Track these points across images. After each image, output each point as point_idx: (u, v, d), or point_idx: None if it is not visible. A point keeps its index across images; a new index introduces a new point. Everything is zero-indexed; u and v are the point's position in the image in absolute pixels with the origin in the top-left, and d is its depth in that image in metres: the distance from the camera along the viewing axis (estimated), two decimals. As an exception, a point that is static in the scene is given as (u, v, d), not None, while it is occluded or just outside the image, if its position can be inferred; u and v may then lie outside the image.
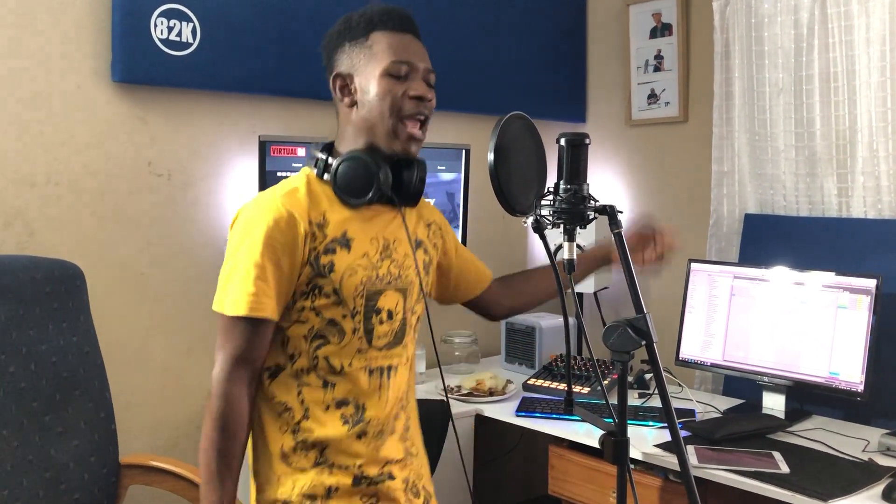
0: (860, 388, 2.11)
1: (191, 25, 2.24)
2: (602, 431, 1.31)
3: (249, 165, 2.39)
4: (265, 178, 2.30)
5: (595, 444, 2.04)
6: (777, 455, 1.92)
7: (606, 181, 3.17)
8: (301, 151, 2.37)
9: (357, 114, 1.43)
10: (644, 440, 2.05)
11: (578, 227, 1.34)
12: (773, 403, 2.29)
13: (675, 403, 2.33)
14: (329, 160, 1.43)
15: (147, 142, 2.25)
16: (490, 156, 1.32)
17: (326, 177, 1.43)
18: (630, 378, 2.43)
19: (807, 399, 2.29)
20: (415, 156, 1.46)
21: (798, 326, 2.24)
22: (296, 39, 2.44)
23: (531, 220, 1.35)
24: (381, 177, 1.41)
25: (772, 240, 2.56)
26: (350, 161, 1.41)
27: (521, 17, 3.07)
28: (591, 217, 1.34)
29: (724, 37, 2.68)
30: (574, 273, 1.31)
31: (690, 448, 1.96)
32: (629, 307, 1.26)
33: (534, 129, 1.43)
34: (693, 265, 2.50)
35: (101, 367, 1.98)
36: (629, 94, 3.07)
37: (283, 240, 1.35)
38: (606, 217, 1.32)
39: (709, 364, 2.42)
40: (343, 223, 1.41)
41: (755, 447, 1.98)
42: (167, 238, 2.30)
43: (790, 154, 2.55)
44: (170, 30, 2.20)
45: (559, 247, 1.51)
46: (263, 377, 1.42)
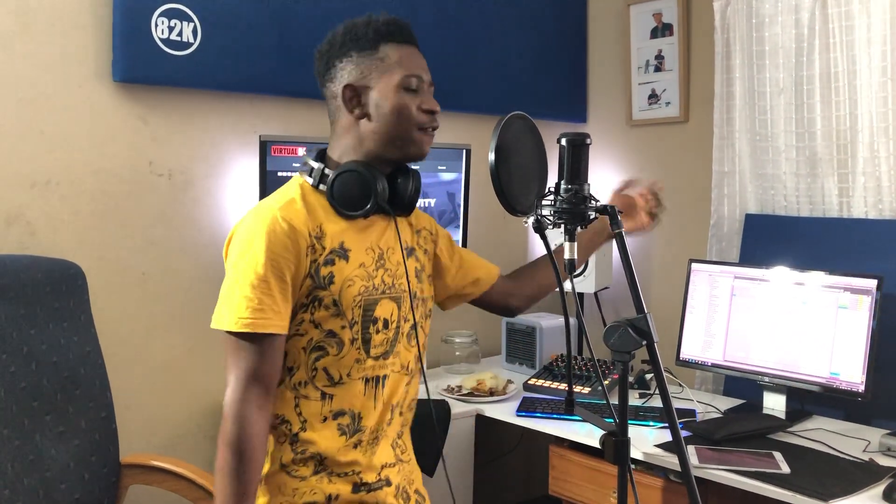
0: (861, 389, 2.11)
1: (191, 25, 2.24)
2: (603, 431, 1.31)
3: (250, 165, 2.39)
4: (266, 178, 2.30)
5: (596, 444, 2.04)
6: (778, 455, 1.92)
7: (607, 181, 3.17)
8: (301, 151, 2.37)
9: (366, 126, 1.43)
10: (645, 440, 2.05)
11: (579, 227, 1.34)
12: (774, 404, 2.29)
13: (676, 403, 2.32)
14: (326, 171, 1.43)
15: (148, 141, 2.26)
16: (491, 156, 1.32)
17: (322, 187, 1.43)
18: (631, 378, 2.43)
19: (807, 399, 2.29)
20: (426, 155, 1.47)
21: (799, 327, 2.24)
22: (297, 39, 2.44)
23: (532, 220, 1.35)
24: (379, 189, 1.42)
25: (772, 240, 2.56)
26: (348, 174, 1.41)
27: (522, 17, 3.07)
28: (592, 217, 1.34)
29: (725, 37, 2.68)
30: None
31: (691, 448, 1.96)
32: (630, 307, 1.26)
33: (534, 129, 1.43)
34: (694, 265, 2.50)
35: (102, 367, 1.98)
36: (630, 95, 3.07)
37: (286, 253, 1.34)
38: (607, 217, 1.32)
39: (709, 364, 2.42)
40: (340, 234, 1.41)
41: (756, 447, 1.98)
42: (168, 238, 2.30)
43: (791, 154, 2.55)
44: (170, 29, 2.20)
45: (560, 247, 1.51)
46: None
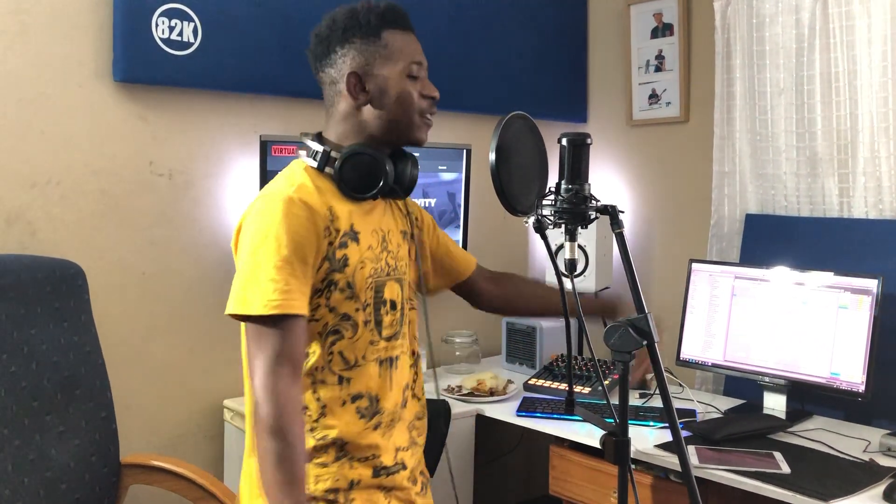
0: (861, 389, 2.11)
1: (192, 25, 2.24)
2: (603, 431, 1.31)
3: (250, 165, 2.39)
4: (266, 178, 2.30)
5: (596, 445, 2.04)
6: (778, 455, 1.92)
7: (607, 181, 3.17)
8: (302, 153, 2.37)
9: (370, 112, 1.43)
10: (645, 440, 2.05)
11: (580, 227, 1.35)
12: (774, 404, 2.29)
13: (676, 403, 2.32)
14: (332, 153, 1.42)
15: (148, 141, 2.26)
16: (491, 156, 1.32)
17: (327, 169, 1.42)
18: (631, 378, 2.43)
19: (808, 399, 2.29)
20: (425, 142, 1.48)
21: (799, 327, 2.24)
22: (297, 39, 2.43)
23: (532, 220, 1.36)
24: (389, 170, 1.42)
25: (773, 240, 2.55)
26: (357, 156, 1.41)
27: (522, 17, 3.07)
28: (593, 217, 1.35)
29: (726, 37, 2.68)
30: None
31: (691, 448, 1.96)
32: (630, 307, 1.26)
33: (535, 129, 1.43)
34: (694, 265, 2.50)
35: (102, 367, 1.98)
36: (630, 95, 3.06)
37: (307, 234, 1.32)
38: (608, 217, 1.32)
39: (710, 364, 2.42)
40: (349, 217, 1.41)
41: (756, 447, 1.98)
42: (168, 238, 2.30)
43: (791, 154, 2.55)
44: (171, 29, 2.20)
45: (560, 246, 1.51)
46: None
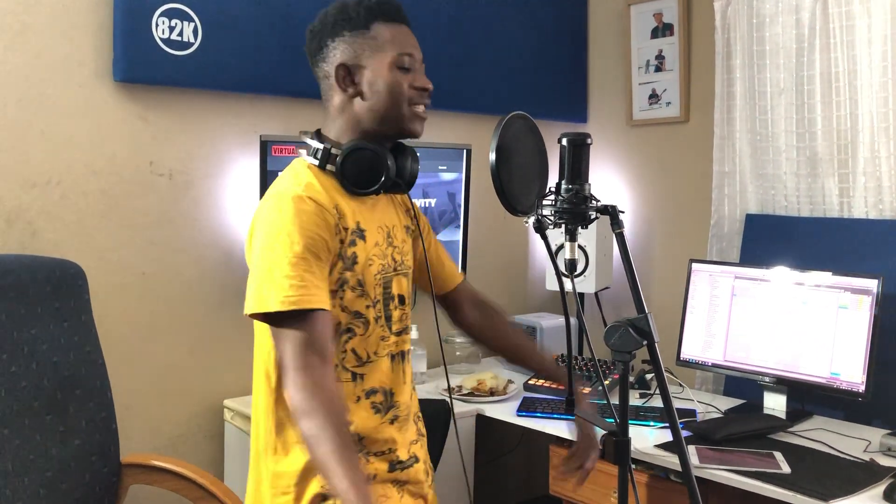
0: (861, 389, 2.11)
1: (192, 25, 2.24)
2: (603, 431, 1.31)
3: (250, 165, 2.39)
4: (266, 178, 2.30)
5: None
6: (778, 455, 1.91)
7: (607, 181, 3.17)
8: (303, 152, 2.36)
9: (360, 104, 1.42)
10: (645, 440, 2.05)
11: (580, 227, 1.35)
12: (774, 404, 2.29)
13: (677, 403, 2.32)
14: (332, 150, 1.41)
15: (148, 141, 2.26)
16: (492, 156, 1.32)
17: (329, 167, 1.41)
18: (631, 378, 2.43)
19: (808, 399, 2.29)
20: (421, 134, 1.46)
21: (799, 327, 2.24)
22: (297, 39, 2.41)
23: (533, 220, 1.36)
24: (390, 165, 1.41)
25: (773, 240, 2.55)
26: (358, 152, 1.39)
27: (522, 17, 3.07)
28: (593, 217, 1.35)
29: (726, 37, 2.68)
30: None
31: (692, 448, 1.96)
32: (630, 307, 1.26)
33: (535, 129, 1.43)
34: (694, 265, 2.50)
35: (103, 367, 1.98)
36: (630, 95, 3.06)
37: (319, 230, 1.32)
38: (608, 217, 1.32)
39: (710, 364, 2.42)
40: (355, 214, 1.40)
41: (756, 447, 1.98)
42: (169, 238, 2.30)
43: (791, 154, 2.55)
44: (171, 29, 2.20)
45: (560, 246, 1.51)
46: None
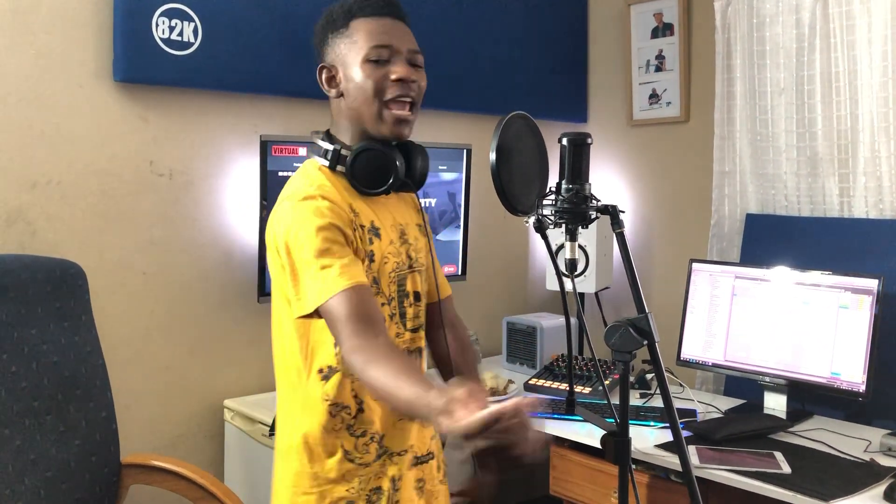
0: (862, 389, 2.10)
1: (192, 25, 2.24)
2: (604, 431, 1.31)
3: (251, 165, 2.39)
4: (266, 178, 2.30)
5: (597, 444, 2.04)
6: (778, 455, 1.91)
7: (608, 181, 3.17)
8: (302, 151, 2.37)
9: (345, 103, 1.42)
10: (645, 440, 2.05)
11: (580, 227, 1.35)
12: (775, 404, 2.29)
13: (677, 403, 2.32)
14: (342, 151, 1.40)
15: (148, 141, 2.25)
16: (492, 155, 1.32)
17: (339, 168, 1.41)
18: (631, 378, 2.43)
19: (808, 399, 2.28)
20: (406, 137, 1.43)
21: (799, 326, 2.24)
22: (297, 39, 2.44)
23: (533, 220, 1.36)
24: (399, 164, 1.40)
25: (773, 240, 2.55)
26: (366, 152, 1.39)
27: (523, 17, 3.07)
28: (593, 217, 1.35)
29: (726, 37, 2.68)
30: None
31: (692, 448, 1.96)
32: (630, 307, 1.26)
33: (535, 129, 1.43)
34: (694, 265, 2.50)
35: (103, 367, 1.98)
36: (630, 95, 3.06)
37: (336, 221, 1.33)
38: (608, 217, 1.32)
39: (710, 364, 2.42)
40: (368, 213, 1.41)
41: (756, 447, 1.98)
42: (169, 238, 2.30)
43: (791, 154, 2.55)
44: (171, 29, 2.20)
45: (561, 246, 1.51)
46: (318, 379, 1.40)
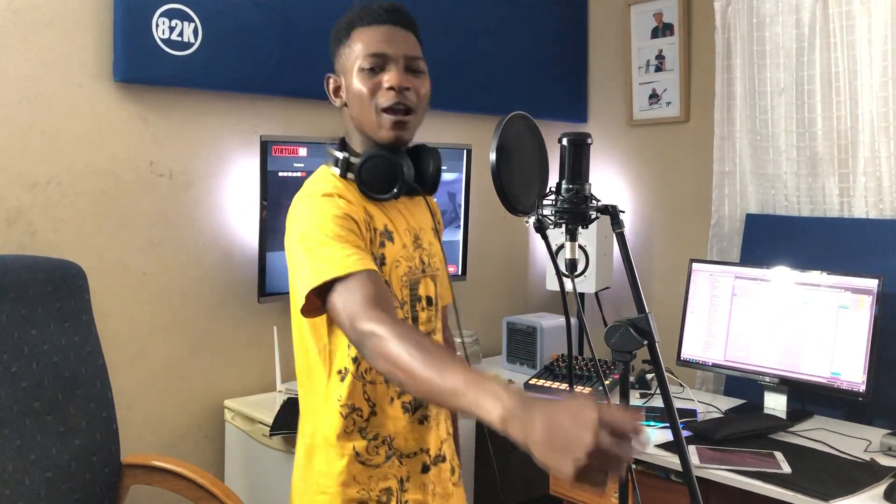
0: (862, 389, 2.11)
1: (192, 25, 2.24)
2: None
3: (251, 165, 2.39)
4: (266, 178, 2.30)
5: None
6: (779, 455, 1.91)
7: (608, 181, 3.17)
8: (302, 151, 2.37)
9: (349, 112, 1.45)
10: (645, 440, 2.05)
11: (580, 227, 1.34)
12: (775, 403, 2.29)
13: (677, 403, 2.32)
14: (351, 159, 1.43)
15: (149, 141, 2.25)
16: (492, 156, 1.32)
17: (349, 175, 1.43)
18: (632, 378, 2.42)
19: (808, 399, 2.28)
20: (407, 141, 1.44)
21: (799, 326, 2.24)
22: (297, 39, 2.44)
23: (533, 220, 1.35)
24: (405, 169, 1.42)
25: (773, 240, 2.55)
26: (373, 159, 1.41)
27: (523, 18, 3.07)
28: (593, 217, 1.35)
29: (726, 37, 2.68)
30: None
31: (692, 448, 1.96)
32: (630, 307, 1.26)
33: (535, 129, 1.43)
34: (694, 265, 2.50)
35: (103, 367, 1.98)
36: (630, 95, 3.06)
37: (352, 214, 1.34)
38: (608, 217, 1.32)
39: (710, 364, 2.42)
40: (381, 217, 1.43)
41: (757, 447, 1.98)
42: (169, 238, 2.30)
43: (791, 154, 2.55)
44: (171, 30, 2.20)
45: (561, 246, 1.51)
46: (336, 380, 1.41)
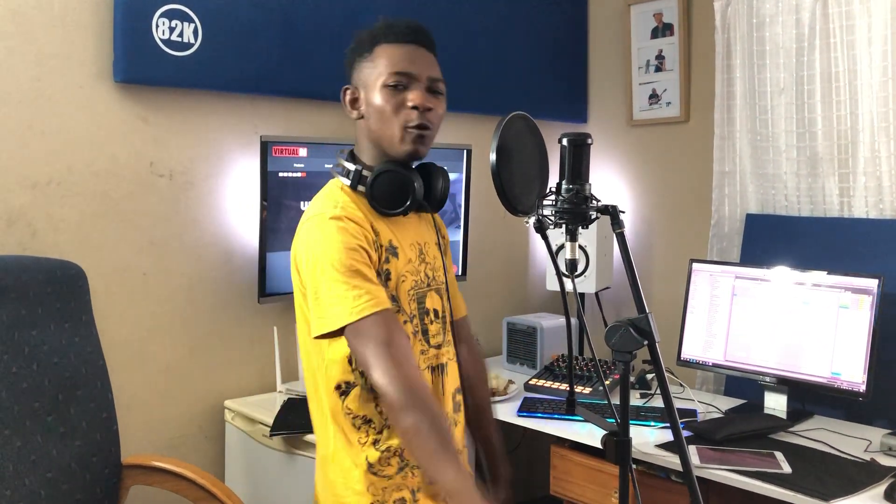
0: (862, 388, 2.11)
1: (192, 26, 2.24)
2: (604, 431, 1.31)
3: (251, 166, 2.39)
4: (266, 179, 2.30)
5: (597, 445, 2.04)
6: (779, 455, 1.91)
7: (608, 181, 3.17)
8: (303, 151, 2.37)
9: (366, 125, 1.47)
10: (646, 440, 2.05)
11: (580, 227, 1.35)
12: (775, 403, 2.29)
13: (677, 403, 2.32)
14: (363, 172, 1.45)
15: (149, 142, 2.25)
16: (492, 156, 1.32)
17: (360, 188, 1.45)
18: (632, 378, 2.42)
19: (808, 399, 2.28)
20: (423, 156, 1.48)
21: (800, 326, 2.24)
22: (297, 40, 2.44)
23: (533, 220, 1.36)
24: (417, 186, 1.45)
25: (773, 240, 2.55)
26: (386, 174, 1.43)
27: (523, 18, 3.07)
28: (593, 217, 1.35)
29: (726, 37, 2.68)
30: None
31: (692, 448, 1.96)
32: (630, 307, 1.26)
33: (535, 130, 1.43)
34: (694, 265, 2.50)
35: (103, 368, 1.98)
36: (630, 95, 3.06)
37: (361, 243, 1.36)
38: (608, 217, 1.32)
39: (710, 364, 2.42)
40: (387, 232, 1.44)
41: (757, 447, 1.98)
42: (169, 238, 2.30)
43: (791, 154, 2.55)
44: (171, 30, 2.20)
45: (561, 247, 1.51)
46: (337, 396, 1.42)
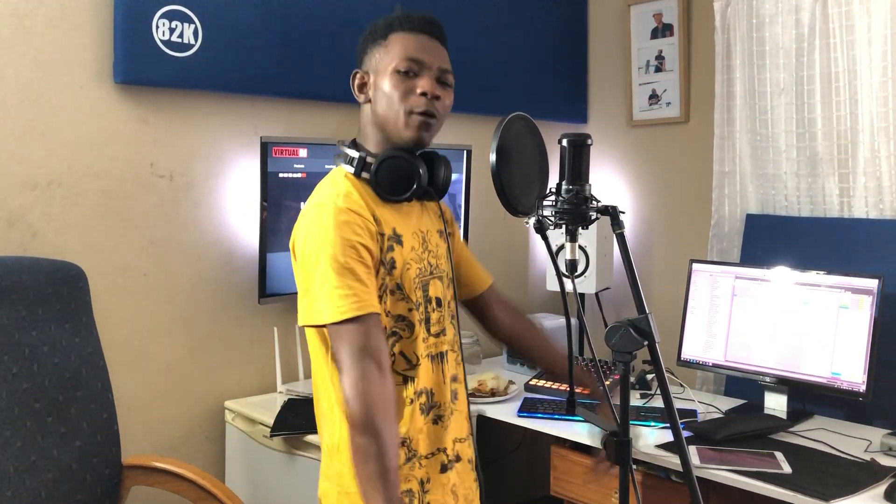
0: (862, 389, 2.11)
1: (192, 27, 2.24)
2: (604, 432, 1.31)
3: (251, 166, 2.39)
4: (266, 179, 2.30)
5: (597, 445, 2.04)
6: (779, 455, 1.91)
7: (608, 182, 3.17)
8: (303, 152, 2.37)
9: (372, 109, 1.47)
10: (646, 440, 2.05)
11: (580, 228, 1.35)
12: (775, 404, 2.29)
13: (677, 404, 2.32)
14: (367, 159, 1.45)
15: (149, 143, 2.26)
16: (492, 156, 1.32)
17: (364, 175, 1.45)
18: (632, 378, 2.43)
19: (809, 399, 2.28)
20: (427, 144, 1.48)
21: (800, 327, 2.24)
22: (297, 40, 2.45)
23: (533, 221, 1.36)
24: (422, 173, 1.45)
25: (773, 240, 2.55)
26: (391, 160, 1.43)
27: (523, 18, 3.07)
28: (593, 217, 1.35)
29: (726, 37, 2.68)
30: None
31: (692, 448, 1.96)
32: (631, 307, 1.26)
33: (535, 130, 1.44)
34: (694, 265, 2.50)
35: (104, 368, 1.98)
36: (630, 95, 3.07)
37: (360, 238, 1.36)
38: (608, 217, 1.32)
39: (710, 364, 2.42)
40: (391, 220, 1.44)
41: (757, 447, 1.98)
42: (169, 239, 2.30)
43: (791, 154, 2.55)
44: (171, 31, 2.20)
45: (561, 247, 1.51)
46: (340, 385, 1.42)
